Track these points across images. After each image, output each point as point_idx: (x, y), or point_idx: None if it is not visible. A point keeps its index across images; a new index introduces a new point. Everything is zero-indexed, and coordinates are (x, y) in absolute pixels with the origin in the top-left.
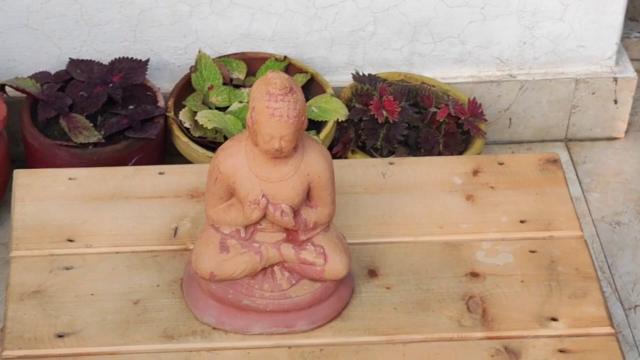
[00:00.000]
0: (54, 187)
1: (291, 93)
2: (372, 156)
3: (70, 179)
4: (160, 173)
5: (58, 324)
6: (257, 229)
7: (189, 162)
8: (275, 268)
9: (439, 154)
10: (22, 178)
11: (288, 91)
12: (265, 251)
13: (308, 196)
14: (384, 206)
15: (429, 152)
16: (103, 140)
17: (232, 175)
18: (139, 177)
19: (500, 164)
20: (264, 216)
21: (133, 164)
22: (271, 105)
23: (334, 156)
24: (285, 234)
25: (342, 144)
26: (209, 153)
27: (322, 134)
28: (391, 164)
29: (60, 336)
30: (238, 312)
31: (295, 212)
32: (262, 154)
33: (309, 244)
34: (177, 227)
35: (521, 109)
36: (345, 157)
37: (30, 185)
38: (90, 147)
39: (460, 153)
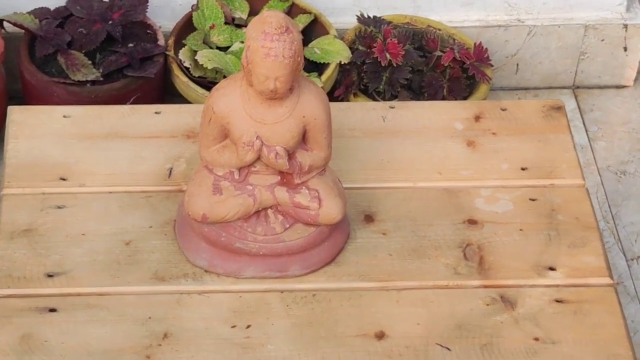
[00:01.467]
0: (49, 125)
1: (287, 32)
2: (374, 100)
3: (65, 116)
4: (156, 112)
5: (48, 264)
6: (251, 171)
7: (188, 103)
8: (269, 211)
9: (443, 98)
10: (16, 115)
11: (284, 30)
12: (259, 194)
13: (304, 139)
14: (383, 151)
15: (433, 97)
16: (101, 79)
17: (226, 116)
18: (135, 116)
19: (503, 109)
20: (258, 158)
21: (131, 103)
22: (266, 44)
23: (336, 99)
24: (279, 177)
25: (344, 86)
26: (208, 93)
27: (324, 76)
28: (392, 107)
29: (50, 276)
30: (230, 256)
31: (290, 155)
32: (257, 95)
33: (304, 187)
34: (171, 168)
35: (528, 54)
36: (347, 101)
37: (24, 123)
38: (88, 84)
39: (465, 98)
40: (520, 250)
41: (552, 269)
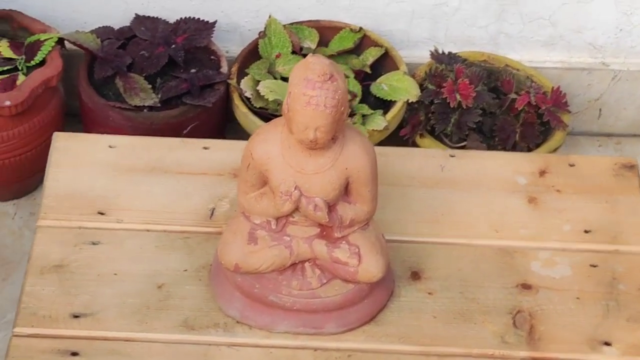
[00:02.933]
0: (92, 154)
1: (331, 80)
2: (442, 142)
3: (110, 146)
4: (205, 148)
5: (76, 303)
6: (289, 221)
7: (248, 134)
8: (306, 264)
9: (515, 144)
10: (60, 142)
11: (327, 78)
12: (296, 246)
13: (346, 191)
14: (438, 202)
15: (504, 142)
16: (159, 105)
17: (264, 163)
18: (182, 150)
19: (571, 165)
20: (296, 209)
21: (188, 132)
22: (308, 92)
23: (401, 139)
24: (319, 229)
25: (411, 126)
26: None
27: (390, 115)
28: (452, 156)
29: (76, 316)
30: (264, 308)
31: (331, 207)
32: (298, 143)
33: (344, 242)
34: (214, 208)
35: (613, 99)
36: (414, 141)
37: (68, 150)
38: (145, 110)
39: (538, 145)
40: (575, 321)
41: (607, 344)
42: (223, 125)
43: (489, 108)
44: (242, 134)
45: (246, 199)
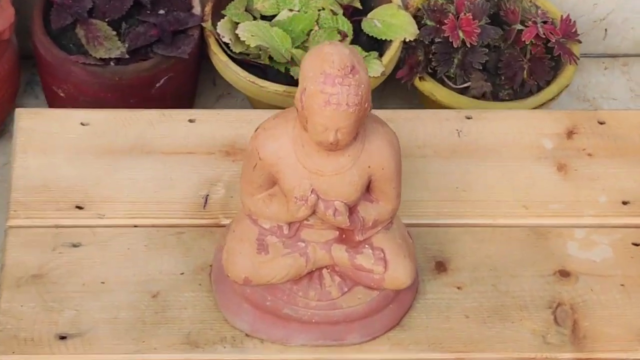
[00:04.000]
0: (63, 135)
1: (352, 73)
2: (443, 84)
3: (82, 124)
4: (190, 120)
5: (60, 322)
6: (303, 225)
7: (228, 84)
8: (324, 272)
9: (523, 83)
10: (25, 121)
11: (349, 71)
12: (313, 252)
13: (368, 188)
14: (457, 176)
15: (511, 81)
16: (127, 56)
17: (274, 164)
18: (164, 125)
19: (601, 123)
20: (313, 213)
21: (161, 86)
22: (327, 89)
23: (398, 82)
24: (337, 232)
25: (409, 67)
26: (252, 78)
27: (386, 57)
28: (468, 118)
29: (62, 337)
30: (277, 320)
31: (351, 209)
32: (314, 143)
33: (367, 245)
34: (207, 195)
35: (620, 19)
36: (412, 84)
37: (35, 131)
38: (112, 63)
39: (548, 83)
40: (622, 313)
41: None
42: (197, 78)
43: (492, 42)
44: (221, 88)
45: (253, 202)
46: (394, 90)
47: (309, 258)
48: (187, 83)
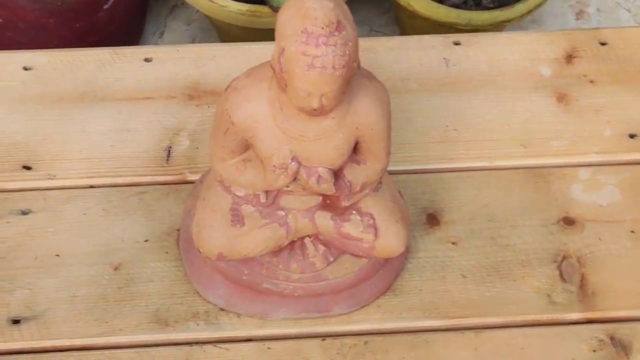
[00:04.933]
0: (4, 83)
1: (339, 30)
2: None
3: (25, 68)
4: (146, 60)
5: (12, 303)
6: (283, 191)
7: (188, 9)
8: (307, 241)
9: None
10: None
11: (335, 28)
12: (294, 222)
13: (354, 149)
14: (447, 112)
15: None
16: None
17: (249, 129)
18: (117, 66)
19: (603, 44)
20: (294, 181)
21: (109, 7)
22: (309, 51)
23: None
24: (320, 198)
25: None
26: (224, 1)
27: None
28: (457, 44)
29: (15, 322)
30: (255, 295)
31: (337, 173)
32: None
33: (354, 212)
34: (170, 147)
35: None
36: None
37: None
38: None
39: None
40: (634, 264)
41: None
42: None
43: None
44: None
45: (224, 168)
46: (360, 1)
47: (290, 228)
48: (134, 6)
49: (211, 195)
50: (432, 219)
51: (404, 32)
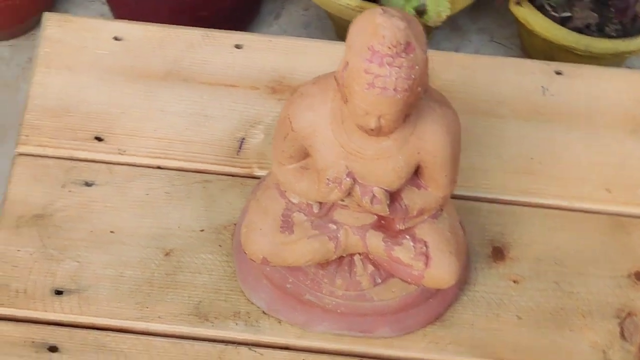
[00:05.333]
0: (92, 50)
1: (407, 52)
2: (543, 12)
3: (116, 38)
4: (236, 46)
5: (59, 273)
6: (337, 204)
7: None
8: (356, 258)
9: (635, 17)
10: (52, 28)
11: (402, 49)
12: (344, 237)
13: (415, 172)
14: (535, 143)
15: (622, 13)
16: None
17: (308, 137)
18: (207, 49)
19: None
20: (348, 196)
21: None
22: (372, 69)
23: (491, 5)
24: (375, 217)
25: None
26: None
27: None
28: (558, 73)
29: (58, 292)
30: (298, 304)
31: (394, 194)
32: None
33: (408, 236)
34: (244, 139)
35: None
36: (507, 9)
37: (61, 42)
38: None
39: None
40: None
41: None
42: None
43: None
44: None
45: (282, 172)
46: (486, 10)
47: (339, 243)
48: None
49: (266, 197)
50: (498, 253)
51: (523, 47)
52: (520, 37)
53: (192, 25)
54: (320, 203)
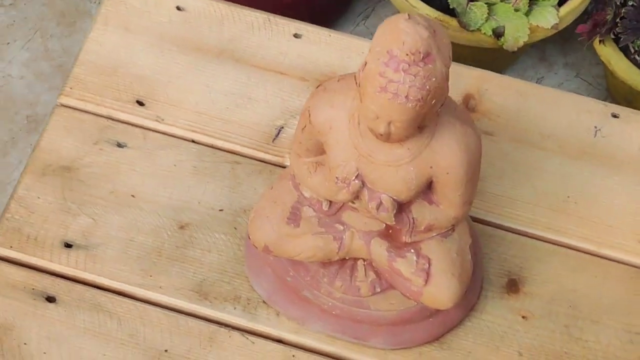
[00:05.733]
0: (153, 16)
1: (425, 62)
2: (628, 56)
3: (178, 8)
4: (295, 35)
5: (72, 226)
6: (347, 206)
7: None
8: (359, 263)
9: None
10: None
11: (420, 58)
12: (349, 240)
13: (429, 187)
14: (574, 181)
15: None
16: None
17: (323, 133)
18: (265, 33)
19: None
20: (356, 198)
21: None
22: (387, 73)
23: (575, 38)
24: (384, 225)
25: (592, 24)
26: (415, 0)
27: (566, 8)
28: (615, 116)
29: (68, 245)
30: (296, 299)
31: (402, 205)
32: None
33: (412, 250)
34: (282, 128)
35: None
36: (591, 45)
37: (124, 4)
38: None
39: None
40: None
41: None
42: None
43: None
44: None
45: (298, 164)
46: (577, 45)
47: (343, 245)
48: None
49: (279, 186)
50: (512, 285)
51: (608, 87)
52: (605, 77)
53: (277, 13)
54: (330, 202)
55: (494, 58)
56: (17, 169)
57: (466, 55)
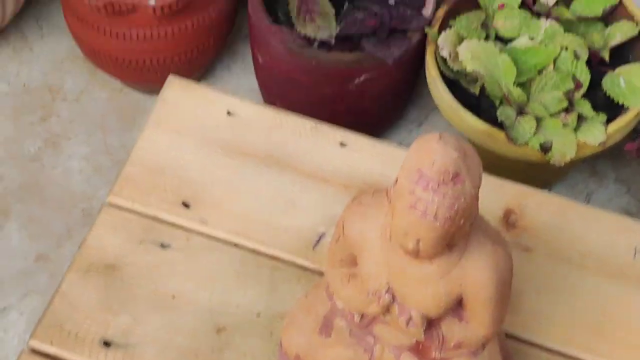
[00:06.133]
0: (203, 119)
1: (454, 182)
2: None
3: (229, 113)
4: (341, 144)
5: (112, 324)
6: (379, 319)
7: (431, 108)
8: None
9: None
10: (172, 91)
11: (449, 179)
12: (379, 354)
13: (460, 304)
14: (612, 302)
15: None
16: (332, 42)
17: (356, 245)
18: (312, 140)
19: None
20: (387, 312)
21: (360, 83)
22: (416, 191)
23: (621, 154)
24: (414, 340)
25: None
26: (454, 103)
27: (614, 126)
28: None
29: (106, 344)
30: None
31: (432, 321)
32: None
33: None
34: (323, 234)
35: None
36: (637, 160)
37: (176, 106)
38: (315, 45)
39: None
40: None
41: None
42: (408, 86)
43: None
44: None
45: (332, 275)
46: (620, 157)
47: (373, 358)
48: (389, 90)
49: (314, 295)
50: None
51: None
52: None
53: (331, 122)
54: (362, 314)
55: (542, 172)
56: (69, 261)
57: (515, 168)
